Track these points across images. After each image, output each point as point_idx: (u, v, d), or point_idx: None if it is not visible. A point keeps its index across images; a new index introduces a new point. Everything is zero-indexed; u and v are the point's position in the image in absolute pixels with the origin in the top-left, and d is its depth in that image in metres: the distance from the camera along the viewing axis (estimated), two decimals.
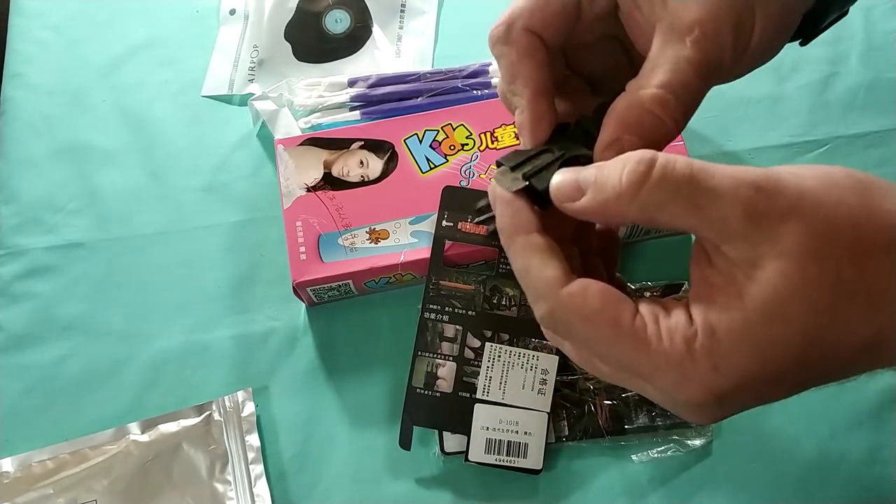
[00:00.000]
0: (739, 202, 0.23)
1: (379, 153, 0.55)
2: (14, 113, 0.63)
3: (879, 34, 0.63)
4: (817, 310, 0.23)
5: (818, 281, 0.23)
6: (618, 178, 0.25)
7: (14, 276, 0.56)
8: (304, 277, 0.51)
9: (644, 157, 0.25)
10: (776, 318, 0.23)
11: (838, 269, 0.23)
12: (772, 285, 0.23)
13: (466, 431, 0.48)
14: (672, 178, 0.24)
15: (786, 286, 0.23)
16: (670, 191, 0.24)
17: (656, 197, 0.24)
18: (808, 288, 0.23)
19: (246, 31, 0.66)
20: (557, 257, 0.28)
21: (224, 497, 0.48)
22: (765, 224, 0.23)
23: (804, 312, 0.23)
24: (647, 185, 0.24)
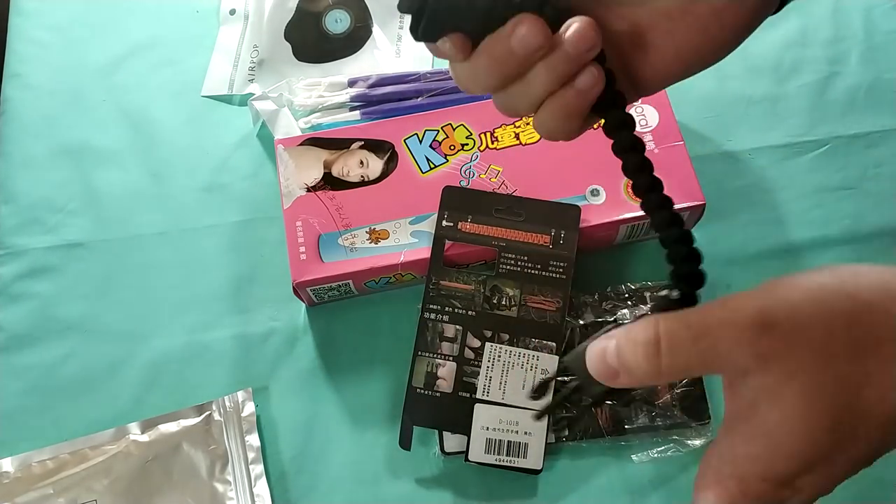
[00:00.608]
0: (744, 352, 0.26)
1: (379, 153, 0.55)
2: (14, 113, 0.63)
3: (879, 34, 0.63)
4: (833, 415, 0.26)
5: (829, 390, 0.26)
6: (637, 364, 0.28)
7: (14, 276, 0.56)
8: (304, 277, 0.51)
9: (649, 338, 0.27)
10: (800, 435, 0.26)
11: (843, 375, 0.26)
12: (790, 409, 0.26)
13: (466, 431, 0.48)
14: (679, 352, 0.27)
15: (802, 405, 0.26)
16: (684, 361, 0.27)
17: (676, 366, 0.27)
18: (822, 399, 0.26)
19: (246, 31, 0.66)
20: None
21: (224, 497, 0.48)
22: (769, 359, 0.26)
23: (822, 421, 0.26)
24: (662, 362, 0.27)
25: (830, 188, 0.58)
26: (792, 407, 0.26)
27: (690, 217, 0.53)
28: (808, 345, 0.26)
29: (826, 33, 0.63)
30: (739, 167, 0.59)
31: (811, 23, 0.64)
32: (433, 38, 0.28)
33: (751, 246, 0.56)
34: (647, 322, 0.28)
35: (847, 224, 0.56)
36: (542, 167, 0.54)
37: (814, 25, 0.64)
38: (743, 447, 0.28)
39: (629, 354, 0.28)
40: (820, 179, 0.58)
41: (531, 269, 0.51)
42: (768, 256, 0.55)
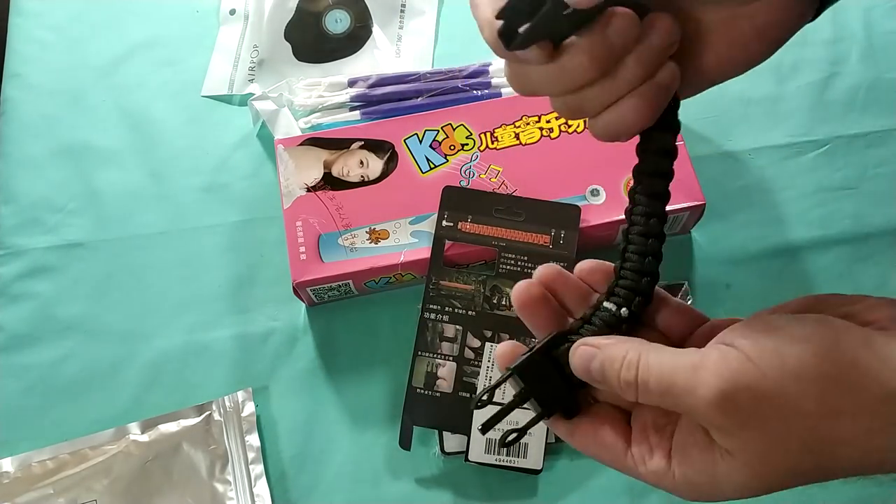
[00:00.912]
0: (705, 414, 0.27)
1: (379, 153, 0.55)
2: (14, 113, 0.63)
3: (879, 34, 0.63)
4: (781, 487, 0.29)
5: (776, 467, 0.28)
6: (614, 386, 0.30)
7: (14, 276, 0.56)
8: (304, 277, 0.51)
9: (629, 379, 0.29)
10: (744, 493, 0.28)
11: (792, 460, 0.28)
12: (740, 472, 0.28)
13: (466, 431, 0.48)
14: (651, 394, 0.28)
15: (749, 474, 0.28)
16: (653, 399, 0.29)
17: (648, 400, 0.29)
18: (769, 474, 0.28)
19: (246, 31, 0.66)
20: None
21: (224, 497, 0.48)
22: (729, 431, 0.27)
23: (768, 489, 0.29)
24: (637, 395, 0.29)
25: (830, 188, 0.58)
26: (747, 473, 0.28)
27: (690, 217, 0.53)
28: (776, 413, 0.27)
29: (826, 33, 0.63)
30: (739, 167, 0.59)
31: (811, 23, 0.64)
32: (526, 46, 0.28)
33: (751, 246, 0.56)
34: (630, 355, 0.29)
35: (847, 224, 0.56)
36: (542, 167, 0.54)
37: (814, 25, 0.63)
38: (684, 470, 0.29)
39: (610, 379, 0.30)
40: (820, 179, 0.58)
41: (531, 269, 0.51)
42: (768, 256, 0.55)
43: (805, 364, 0.27)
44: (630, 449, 0.31)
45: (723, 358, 0.27)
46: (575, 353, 0.31)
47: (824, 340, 0.27)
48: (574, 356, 0.31)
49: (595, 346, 0.30)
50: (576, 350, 0.31)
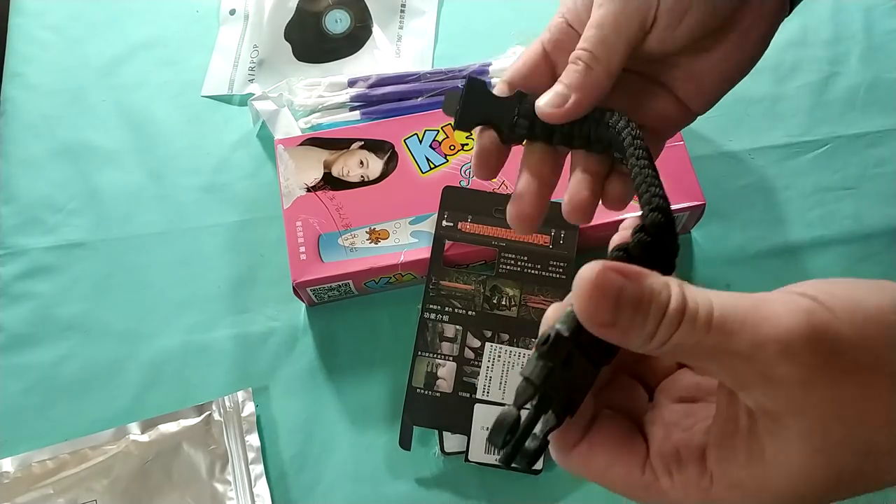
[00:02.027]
0: (759, 364, 0.23)
1: (379, 153, 0.55)
2: (14, 113, 0.63)
3: (879, 34, 0.63)
4: (841, 471, 0.23)
5: (842, 442, 0.23)
6: (645, 327, 0.24)
7: (14, 276, 0.56)
8: (304, 277, 0.51)
9: (677, 307, 0.23)
10: (797, 481, 0.23)
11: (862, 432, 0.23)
12: (793, 451, 0.23)
13: (466, 431, 0.48)
14: (698, 329, 0.23)
15: (807, 449, 0.23)
16: (695, 342, 0.23)
17: (682, 348, 0.24)
18: (830, 454, 0.23)
19: (246, 31, 0.66)
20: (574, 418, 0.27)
21: (224, 497, 0.48)
22: (782, 386, 0.23)
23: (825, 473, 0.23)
24: (672, 338, 0.24)
25: (830, 188, 0.58)
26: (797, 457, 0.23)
27: (690, 217, 0.54)
28: (853, 365, 0.23)
29: (826, 33, 0.63)
30: (739, 167, 0.59)
31: (811, 23, 0.64)
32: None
33: (751, 246, 0.56)
34: (676, 287, 0.24)
35: (847, 224, 0.56)
36: None
37: (814, 25, 0.64)
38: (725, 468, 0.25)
39: (647, 315, 0.23)
40: (820, 179, 0.58)
41: (531, 269, 0.51)
42: (768, 256, 0.55)
43: (886, 312, 0.23)
44: (648, 460, 0.26)
45: (791, 300, 0.23)
46: (596, 277, 0.23)
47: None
48: (596, 280, 0.23)
49: (625, 275, 0.24)
50: (599, 273, 0.23)
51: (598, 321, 0.24)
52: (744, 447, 0.24)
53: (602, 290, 0.23)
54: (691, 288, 0.24)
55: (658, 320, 0.23)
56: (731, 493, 0.24)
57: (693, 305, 0.23)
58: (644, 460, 0.26)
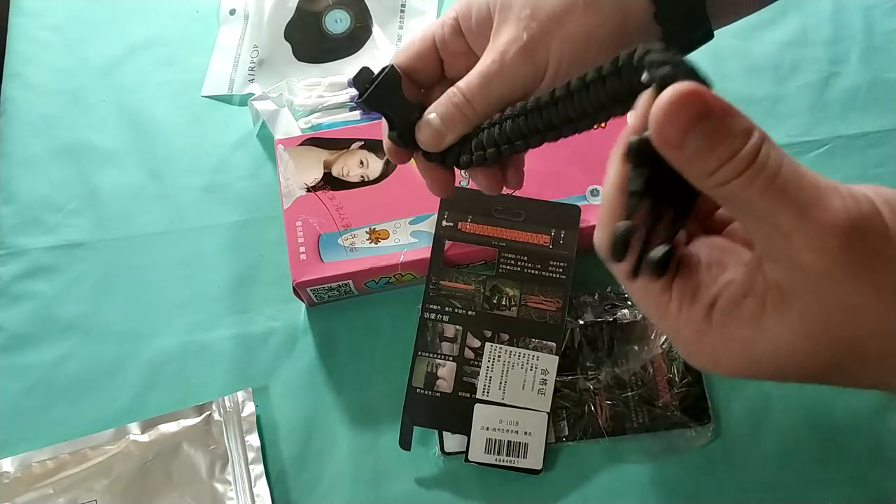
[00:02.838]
0: (793, 243, 0.23)
1: (379, 153, 0.55)
2: (14, 113, 0.63)
3: (879, 34, 0.63)
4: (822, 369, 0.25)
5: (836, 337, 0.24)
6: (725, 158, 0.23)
7: (14, 276, 0.56)
8: (304, 277, 0.51)
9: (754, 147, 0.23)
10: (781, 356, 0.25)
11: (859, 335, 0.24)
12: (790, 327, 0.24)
13: (466, 431, 0.48)
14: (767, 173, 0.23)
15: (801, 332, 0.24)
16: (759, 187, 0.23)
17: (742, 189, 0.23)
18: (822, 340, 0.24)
19: (246, 31, 0.66)
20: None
21: (224, 497, 0.48)
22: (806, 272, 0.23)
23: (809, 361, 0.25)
24: (744, 174, 0.23)
25: None
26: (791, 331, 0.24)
27: None
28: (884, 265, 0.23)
29: (826, 33, 0.63)
30: None
31: (811, 23, 0.64)
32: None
33: None
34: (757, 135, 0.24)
35: None
36: (542, 167, 0.54)
37: (814, 25, 0.64)
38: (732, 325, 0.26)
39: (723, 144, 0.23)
40: None
41: (531, 269, 0.51)
42: None
43: None
44: (673, 285, 0.27)
45: (855, 196, 0.23)
46: (683, 92, 0.23)
47: None
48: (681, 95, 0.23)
49: (712, 102, 0.23)
50: (686, 90, 0.23)
51: (667, 138, 0.23)
52: (748, 309, 0.25)
53: (684, 108, 0.23)
54: (771, 142, 0.24)
55: (726, 158, 0.23)
56: (720, 344, 0.26)
57: (764, 158, 0.23)
58: (670, 283, 0.27)
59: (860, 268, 0.23)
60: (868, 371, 0.25)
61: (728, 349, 0.26)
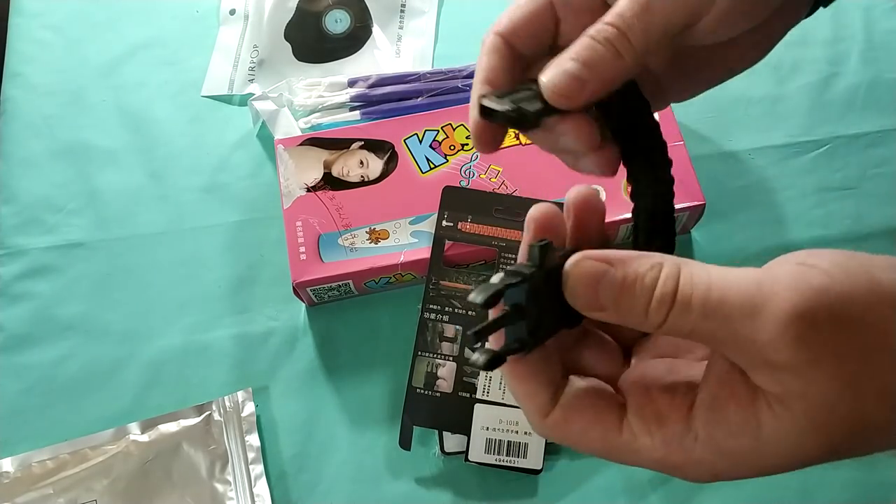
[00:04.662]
0: (762, 347, 0.22)
1: (379, 153, 0.55)
2: (14, 113, 0.63)
3: (879, 34, 0.63)
4: (835, 449, 0.23)
5: (843, 426, 0.23)
6: (637, 311, 0.24)
7: (14, 276, 0.56)
8: (304, 277, 0.51)
9: (666, 292, 0.23)
10: (789, 453, 0.23)
11: (864, 414, 0.23)
12: (792, 424, 0.23)
13: (466, 431, 0.48)
14: (688, 318, 0.23)
15: (805, 426, 0.22)
16: (689, 328, 0.23)
17: (678, 330, 0.24)
18: (830, 434, 0.23)
19: (246, 31, 0.66)
20: (542, 382, 0.27)
21: (224, 497, 0.48)
22: (787, 367, 0.22)
23: (819, 451, 0.23)
24: (667, 321, 0.23)
25: (830, 188, 0.58)
26: (795, 428, 0.23)
27: (690, 217, 0.53)
28: (843, 367, 0.22)
29: (826, 33, 0.63)
30: (739, 167, 0.59)
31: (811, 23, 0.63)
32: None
33: (751, 246, 0.56)
34: (667, 267, 0.24)
35: (847, 224, 0.56)
36: (542, 167, 0.54)
37: (814, 25, 0.63)
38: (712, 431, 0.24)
39: (634, 298, 0.23)
40: (820, 179, 0.58)
41: None
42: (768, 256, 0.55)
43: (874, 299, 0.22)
44: (626, 420, 0.25)
45: (800, 274, 0.22)
46: (575, 267, 0.24)
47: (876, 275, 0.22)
48: (574, 271, 0.24)
49: (606, 261, 0.24)
50: (577, 264, 0.24)
51: (587, 305, 0.24)
52: (738, 417, 0.23)
53: (582, 278, 0.24)
54: (690, 266, 0.24)
55: (646, 303, 0.23)
56: (719, 460, 0.24)
57: (686, 289, 0.23)
58: (621, 421, 0.25)
59: (838, 344, 0.22)
60: (878, 438, 0.24)
61: (731, 463, 0.24)
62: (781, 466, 0.24)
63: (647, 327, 0.24)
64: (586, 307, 0.24)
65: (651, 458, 0.25)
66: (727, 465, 0.24)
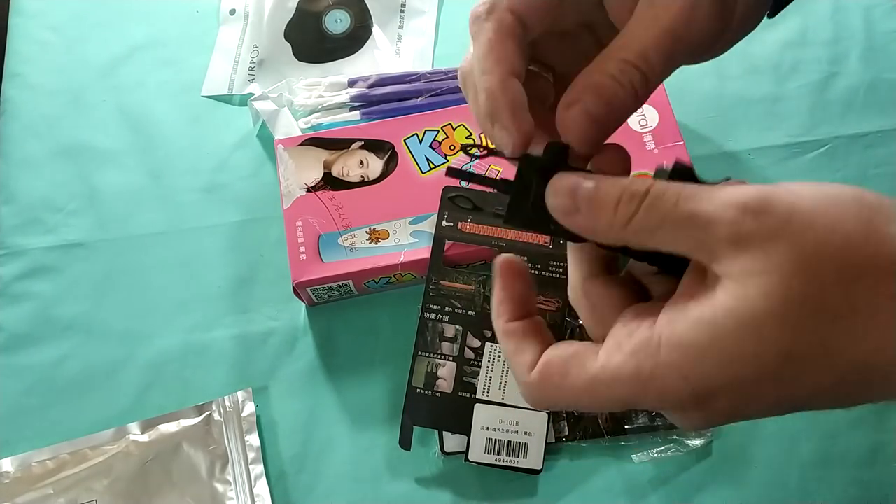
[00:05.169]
0: (725, 224, 0.23)
1: (379, 153, 0.55)
2: (14, 113, 0.63)
3: (879, 34, 0.63)
4: (795, 330, 0.23)
5: (798, 301, 0.23)
6: (607, 211, 0.25)
7: (14, 276, 0.56)
8: (304, 277, 0.51)
9: (638, 189, 0.25)
10: (749, 334, 0.23)
11: (823, 291, 0.23)
12: (749, 302, 0.23)
13: (466, 431, 0.48)
14: (660, 206, 0.24)
15: (763, 304, 0.23)
16: (658, 218, 0.24)
17: (646, 224, 0.25)
18: (786, 307, 0.23)
19: (246, 31, 0.66)
20: (531, 342, 0.29)
21: (224, 497, 0.48)
22: (749, 244, 0.23)
23: (780, 331, 0.23)
24: (637, 215, 0.25)
25: None
26: (752, 306, 0.23)
27: None
28: (799, 244, 0.23)
29: (826, 33, 0.63)
30: (739, 167, 0.59)
31: (811, 23, 0.64)
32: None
33: None
34: (639, 178, 0.25)
35: None
36: None
37: (814, 25, 0.64)
38: (674, 326, 0.24)
39: (606, 197, 0.25)
40: (820, 179, 0.57)
41: (531, 269, 0.51)
42: None
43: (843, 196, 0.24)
44: (602, 347, 0.26)
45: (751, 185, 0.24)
46: (558, 178, 0.27)
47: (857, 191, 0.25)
48: (555, 180, 0.27)
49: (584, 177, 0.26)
50: (560, 175, 0.27)
51: (563, 208, 0.27)
52: (696, 311, 0.24)
53: (562, 185, 0.27)
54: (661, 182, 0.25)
55: (617, 198, 0.25)
56: (683, 358, 0.24)
57: (660, 186, 0.25)
58: (597, 354, 0.26)
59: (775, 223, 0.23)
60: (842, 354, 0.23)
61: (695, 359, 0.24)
62: (745, 364, 0.23)
63: (616, 226, 0.25)
64: (561, 211, 0.27)
65: (626, 376, 0.25)
66: (692, 362, 0.24)
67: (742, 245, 0.23)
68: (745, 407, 0.25)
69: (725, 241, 0.23)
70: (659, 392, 0.25)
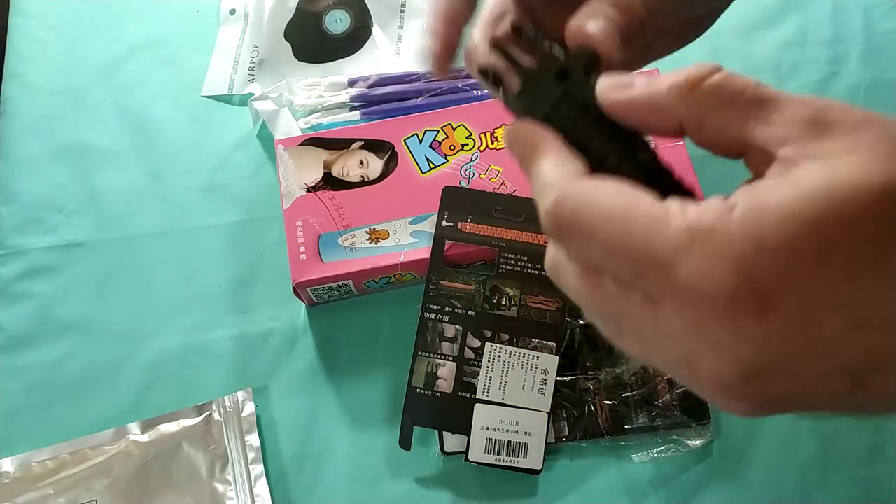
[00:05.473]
0: (806, 108, 0.22)
1: (379, 153, 0.55)
2: (14, 113, 0.63)
3: (879, 34, 0.63)
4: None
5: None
6: (676, 75, 0.24)
7: (14, 276, 0.56)
8: (304, 277, 0.51)
9: (706, 65, 0.24)
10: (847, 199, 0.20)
11: None
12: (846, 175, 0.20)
13: (466, 431, 0.48)
14: (732, 84, 0.23)
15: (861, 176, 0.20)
16: (729, 95, 0.23)
17: (712, 96, 0.23)
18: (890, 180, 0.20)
19: (246, 31, 0.66)
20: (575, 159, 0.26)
21: (224, 497, 0.48)
22: (833, 129, 0.21)
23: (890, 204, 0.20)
24: (705, 83, 0.23)
25: None
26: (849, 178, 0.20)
27: None
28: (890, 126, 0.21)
29: (826, 33, 0.63)
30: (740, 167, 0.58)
31: (811, 23, 0.64)
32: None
33: None
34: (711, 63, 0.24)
35: None
36: None
37: (814, 25, 0.64)
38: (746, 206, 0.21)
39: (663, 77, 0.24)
40: None
41: (531, 269, 0.51)
42: None
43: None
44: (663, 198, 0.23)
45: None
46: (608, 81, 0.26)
47: None
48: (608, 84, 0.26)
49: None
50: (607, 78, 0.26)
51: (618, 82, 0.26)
52: (773, 178, 0.22)
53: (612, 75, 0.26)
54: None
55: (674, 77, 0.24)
56: (758, 212, 0.20)
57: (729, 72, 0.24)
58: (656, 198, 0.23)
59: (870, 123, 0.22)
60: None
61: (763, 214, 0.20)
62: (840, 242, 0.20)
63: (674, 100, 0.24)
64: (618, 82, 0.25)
65: (676, 225, 0.21)
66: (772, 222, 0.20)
67: (823, 128, 0.22)
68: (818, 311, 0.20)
69: (805, 123, 0.22)
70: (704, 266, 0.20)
